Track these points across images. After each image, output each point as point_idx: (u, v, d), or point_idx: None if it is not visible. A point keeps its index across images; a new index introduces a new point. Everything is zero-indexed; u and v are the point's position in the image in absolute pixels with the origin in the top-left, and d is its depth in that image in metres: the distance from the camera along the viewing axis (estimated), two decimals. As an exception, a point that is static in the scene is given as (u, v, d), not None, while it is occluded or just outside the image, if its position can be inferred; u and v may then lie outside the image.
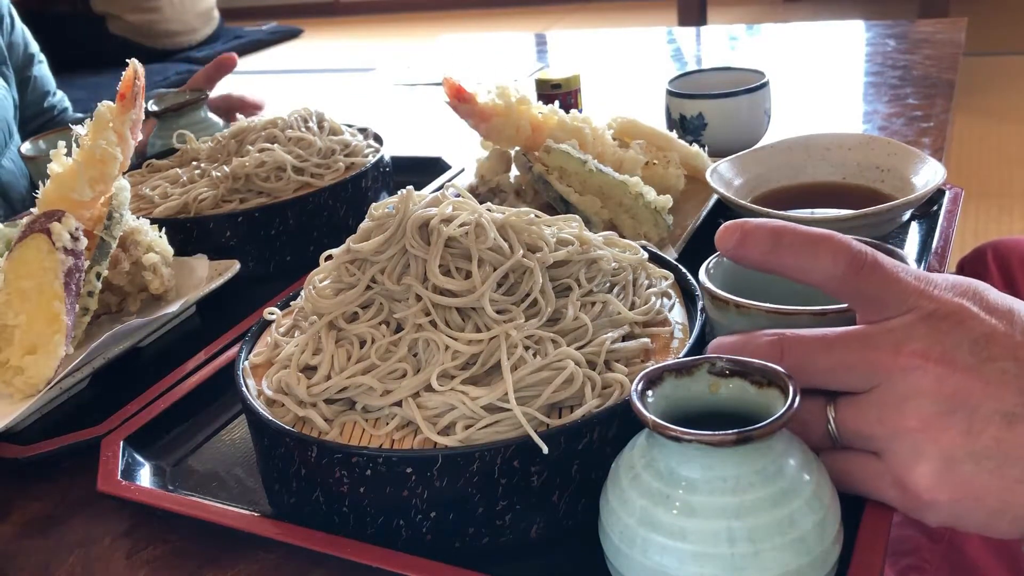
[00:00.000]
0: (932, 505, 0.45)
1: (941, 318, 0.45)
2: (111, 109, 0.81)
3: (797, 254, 0.47)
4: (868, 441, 0.47)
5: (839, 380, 0.47)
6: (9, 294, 0.73)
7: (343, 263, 0.64)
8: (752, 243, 0.48)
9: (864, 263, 0.46)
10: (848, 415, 0.47)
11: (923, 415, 0.44)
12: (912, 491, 0.45)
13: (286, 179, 0.96)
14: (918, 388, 0.44)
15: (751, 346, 0.49)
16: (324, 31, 5.33)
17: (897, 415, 0.45)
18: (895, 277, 0.46)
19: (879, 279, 0.46)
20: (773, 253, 0.48)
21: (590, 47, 1.90)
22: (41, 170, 0.84)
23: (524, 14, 5.09)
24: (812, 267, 0.47)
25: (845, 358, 0.46)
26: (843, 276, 0.46)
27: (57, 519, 0.64)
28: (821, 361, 0.47)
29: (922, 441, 0.44)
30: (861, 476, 0.48)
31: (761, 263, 0.48)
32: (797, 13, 4.53)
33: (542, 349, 0.57)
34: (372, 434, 0.56)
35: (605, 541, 0.47)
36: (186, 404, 0.72)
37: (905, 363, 0.44)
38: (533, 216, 0.65)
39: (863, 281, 0.46)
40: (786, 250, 0.47)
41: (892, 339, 0.45)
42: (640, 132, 0.97)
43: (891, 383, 0.45)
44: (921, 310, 0.45)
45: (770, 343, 0.48)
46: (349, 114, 1.18)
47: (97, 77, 3.28)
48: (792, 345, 0.48)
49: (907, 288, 0.46)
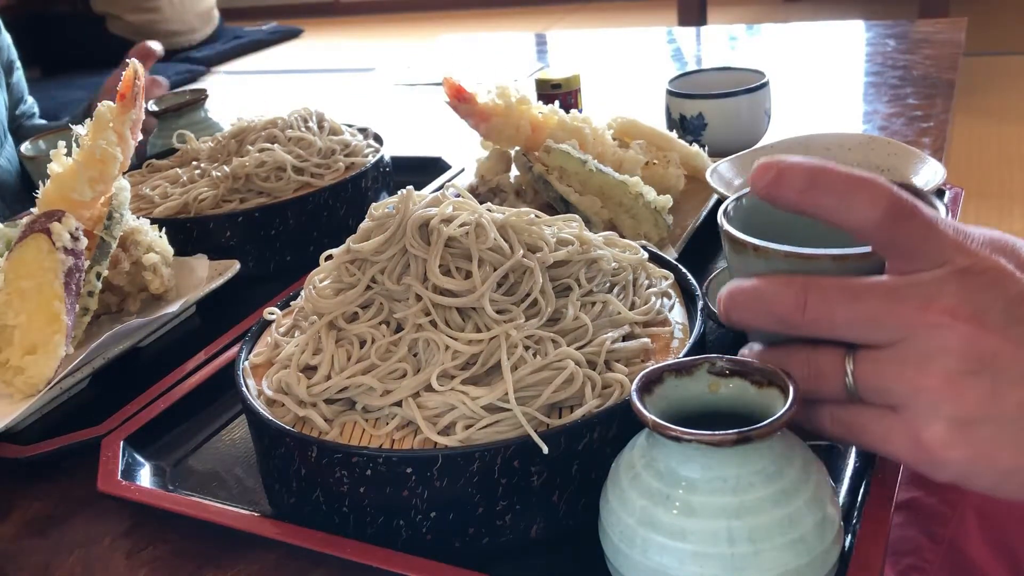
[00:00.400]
0: (944, 463, 0.44)
1: (975, 275, 0.43)
2: (111, 109, 0.81)
3: (834, 196, 0.44)
4: (886, 396, 0.45)
5: (862, 333, 0.45)
6: (9, 294, 0.73)
7: (343, 263, 0.64)
8: (787, 182, 0.45)
9: (903, 211, 0.44)
10: (868, 369, 0.45)
11: (946, 373, 0.42)
12: (925, 447, 0.44)
13: (286, 179, 0.96)
14: (944, 346, 0.42)
15: (771, 292, 0.46)
16: (324, 31, 5.33)
17: (919, 372, 0.43)
18: (933, 228, 0.44)
19: (916, 229, 0.44)
20: (808, 194, 0.45)
21: (590, 47, 1.90)
22: (41, 170, 0.85)
23: (524, 14, 5.09)
24: (848, 211, 0.44)
25: (870, 310, 0.44)
26: (879, 223, 0.44)
27: (57, 519, 0.64)
28: (845, 312, 0.44)
29: (942, 399, 0.43)
30: (874, 430, 0.46)
31: (796, 204, 0.46)
32: (797, 13, 4.53)
33: (542, 349, 0.57)
34: (372, 434, 0.56)
35: (605, 541, 0.47)
36: (186, 404, 0.72)
37: (933, 319, 0.43)
38: (533, 216, 0.65)
39: (900, 230, 0.44)
40: (822, 191, 0.45)
41: (921, 293, 0.43)
42: (640, 132, 0.97)
43: (916, 339, 0.43)
44: (955, 265, 0.43)
45: (793, 291, 0.45)
46: (349, 114, 1.18)
47: (97, 77, 3.28)
48: (816, 294, 0.45)
49: (943, 240, 0.44)
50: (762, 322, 0.47)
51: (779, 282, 0.46)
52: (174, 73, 3.87)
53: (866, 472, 0.56)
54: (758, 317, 0.47)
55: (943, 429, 0.43)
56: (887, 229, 0.44)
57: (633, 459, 0.47)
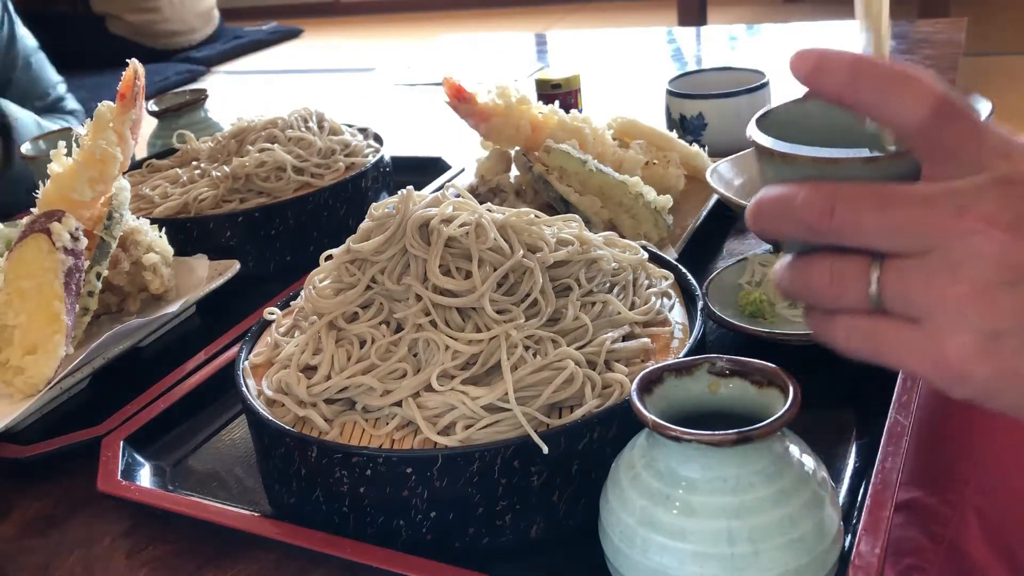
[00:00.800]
0: (966, 378, 0.42)
1: (1017, 184, 0.41)
2: (111, 109, 0.81)
3: (877, 89, 0.42)
4: (911, 306, 0.42)
5: (892, 241, 0.42)
6: (9, 294, 0.73)
7: (343, 263, 0.64)
8: (829, 72, 0.43)
9: (950, 110, 0.41)
10: (894, 277, 0.42)
11: (977, 283, 0.40)
12: (948, 361, 0.41)
13: (286, 179, 0.96)
14: (977, 253, 0.40)
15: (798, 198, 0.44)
16: (324, 31, 5.33)
17: (949, 280, 0.41)
18: (977, 131, 0.42)
19: (961, 131, 0.41)
20: (851, 85, 0.42)
21: (590, 47, 1.90)
22: (41, 170, 0.85)
23: (524, 14, 5.09)
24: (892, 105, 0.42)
25: (902, 217, 0.41)
26: (924, 121, 0.41)
27: (57, 519, 0.64)
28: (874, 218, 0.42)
29: (970, 310, 0.41)
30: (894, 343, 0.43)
31: (836, 95, 0.43)
32: (797, 13, 4.52)
33: (542, 349, 0.57)
34: (372, 434, 0.56)
35: (605, 541, 0.47)
36: (186, 404, 0.72)
37: (968, 226, 0.40)
38: (533, 216, 0.65)
39: (944, 130, 0.41)
40: (866, 83, 0.42)
41: (958, 200, 0.41)
42: (640, 132, 0.97)
43: (948, 247, 0.41)
44: (995, 172, 0.41)
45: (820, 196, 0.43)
46: (349, 114, 1.18)
47: (97, 77, 3.27)
48: (844, 199, 0.42)
49: (986, 145, 0.42)
50: (788, 230, 0.45)
51: (806, 188, 0.44)
52: (174, 73, 3.87)
53: (866, 472, 0.56)
54: (784, 225, 0.44)
55: (969, 341, 0.41)
56: (931, 129, 0.41)
57: (633, 459, 0.47)
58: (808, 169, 0.45)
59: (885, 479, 0.54)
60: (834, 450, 0.60)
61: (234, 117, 1.07)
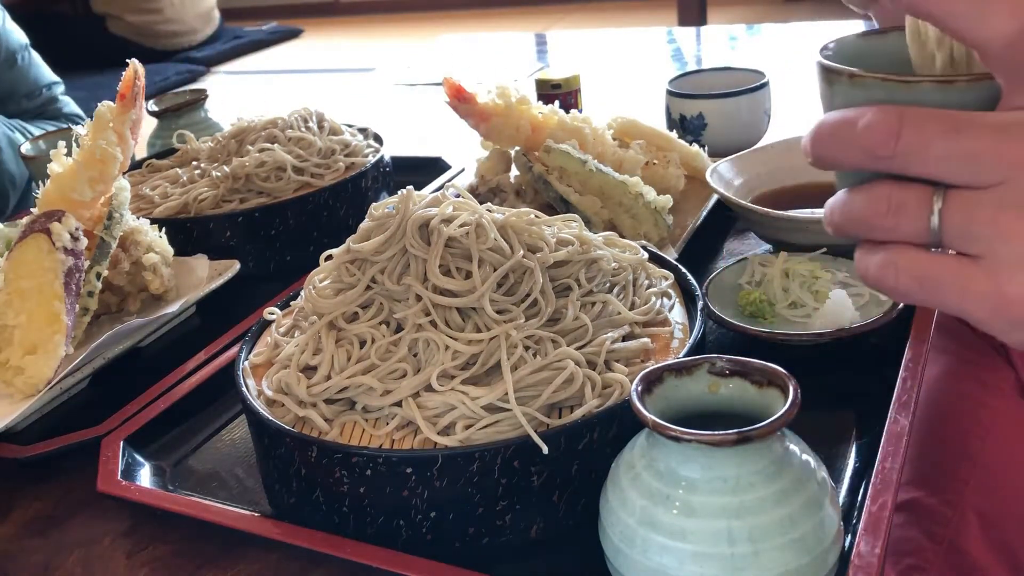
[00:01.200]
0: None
1: None
2: (111, 109, 0.81)
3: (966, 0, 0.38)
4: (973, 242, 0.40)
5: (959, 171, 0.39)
6: (9, 294, 0.73)
7: (343, 263, 0.64)
8: None
9: None
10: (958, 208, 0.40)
11: None
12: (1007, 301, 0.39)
13: (286, 179, 0.96)
14: None
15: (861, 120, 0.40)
16: (324, 31, 5.33)
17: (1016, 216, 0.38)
18: None
19: None
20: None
21: (590, 47, 1.90)
22: (41, 170, 0.85)
23: (524, 14, 5.09)
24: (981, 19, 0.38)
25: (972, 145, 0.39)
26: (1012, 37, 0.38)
27: (57, 519, 0.64)
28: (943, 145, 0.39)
29: None
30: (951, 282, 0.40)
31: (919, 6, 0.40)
32: (797, 13, 4.52)
33: (542, 349, 0.57)
34: (372, 434, 0.56)
35: (605, 541, 0.47)
36: (186, 404, 0.72)
37: None
38: (533, 216, 0.65)
39: None
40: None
41: None
42: (640, 132, 0.97)
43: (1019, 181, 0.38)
44: None
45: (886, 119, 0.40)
46: (349, 114, 1.18)
47: (97, 77, 3.28)
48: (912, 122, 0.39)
49: None
50: (849, 156, 0.41)
51: (872, 110, 0.41)
52: (174, 73, 3.87)
53: (866, 472, 0.56)
54: (844, 150, 0.41)
55: None
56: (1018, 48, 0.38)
57: (633, 459, 0.47)
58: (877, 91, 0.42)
59: (885, 479, 0.54)
60: (834, 450, 0.60)
61: (234, 117, 1.07)
